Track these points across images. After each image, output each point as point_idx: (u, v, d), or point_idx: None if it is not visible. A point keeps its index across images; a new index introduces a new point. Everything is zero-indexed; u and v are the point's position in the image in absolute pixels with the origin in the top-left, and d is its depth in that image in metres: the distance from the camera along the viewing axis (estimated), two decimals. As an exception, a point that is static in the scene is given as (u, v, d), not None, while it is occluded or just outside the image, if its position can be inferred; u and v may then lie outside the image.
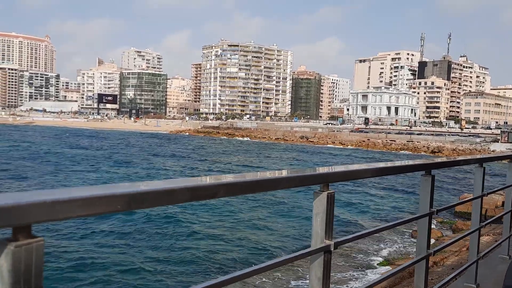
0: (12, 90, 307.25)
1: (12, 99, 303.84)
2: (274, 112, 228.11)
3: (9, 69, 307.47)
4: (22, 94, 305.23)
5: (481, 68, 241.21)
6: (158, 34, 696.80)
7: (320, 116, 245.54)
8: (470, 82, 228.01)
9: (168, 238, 16.61)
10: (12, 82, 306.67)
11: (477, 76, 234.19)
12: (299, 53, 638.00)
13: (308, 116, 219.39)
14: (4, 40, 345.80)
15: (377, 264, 13.99)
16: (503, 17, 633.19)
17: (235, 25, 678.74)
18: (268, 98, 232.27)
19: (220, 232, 17.87)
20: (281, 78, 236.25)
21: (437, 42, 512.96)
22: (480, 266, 4.39)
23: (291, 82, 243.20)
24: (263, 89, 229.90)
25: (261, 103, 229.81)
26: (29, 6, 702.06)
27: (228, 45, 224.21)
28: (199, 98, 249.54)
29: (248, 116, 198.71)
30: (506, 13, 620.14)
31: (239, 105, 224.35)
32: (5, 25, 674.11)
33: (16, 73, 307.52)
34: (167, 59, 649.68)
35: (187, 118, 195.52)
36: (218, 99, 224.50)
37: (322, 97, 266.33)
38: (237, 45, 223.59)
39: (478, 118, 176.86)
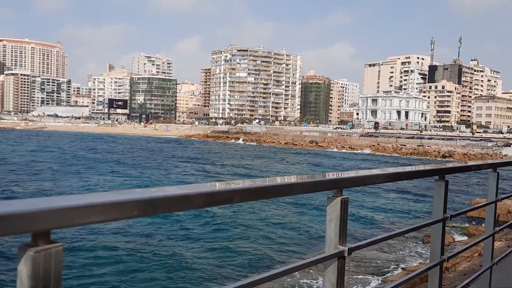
0: (24, 96, 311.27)
1: (24, 104, 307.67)
2: (283, 116, 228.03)
3: (21, 74, 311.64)
4: (34, 100, 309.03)
5: (492, 72, 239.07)
6: (169, 39, 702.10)
7: (330, 121, 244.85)
8: (481, 86, 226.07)
9: (175, 240, 16.65)
10: (24, 87, 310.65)
11: (489, 80, 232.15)
12: (308, 57, 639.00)
13: (318, 121, 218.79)
14: (17, 46, 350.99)
15: (390, 270, 13.90)
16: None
17: (247, 30, 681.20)
18: (277, 103, 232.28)
19: (237, 232, 17.91)
20: (290, 83, 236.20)
21: (448, 45, 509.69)
22: (494, 272, 4.31)
23: (300, 86, 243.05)
24: (272, 94, 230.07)
25: (270, 107, 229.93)
26: (41, 12, 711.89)
27: (238, 50, 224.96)
28: (209, 103, 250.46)
29: (257, 120, 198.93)
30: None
31: (248, 109, 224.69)
32: (17, 32, 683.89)
33: (28, 79, 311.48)
34: (177, 64, 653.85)
35: (196, 122, 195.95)
36: (227, 103, 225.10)
37: (331, 101, 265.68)
38: (246, 50, 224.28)
39: (490, 122, 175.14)
